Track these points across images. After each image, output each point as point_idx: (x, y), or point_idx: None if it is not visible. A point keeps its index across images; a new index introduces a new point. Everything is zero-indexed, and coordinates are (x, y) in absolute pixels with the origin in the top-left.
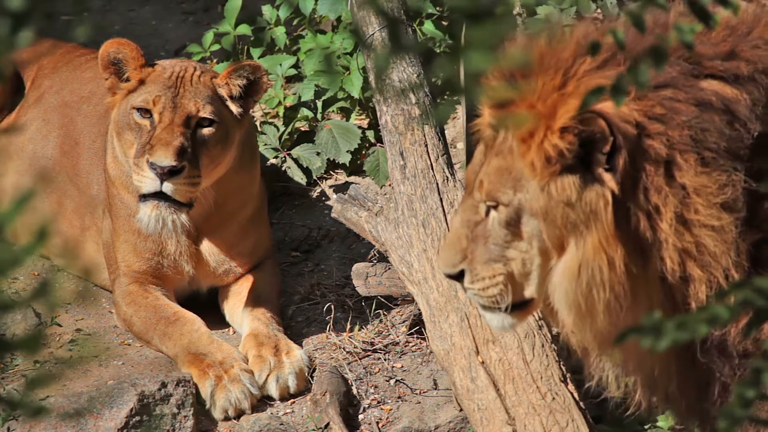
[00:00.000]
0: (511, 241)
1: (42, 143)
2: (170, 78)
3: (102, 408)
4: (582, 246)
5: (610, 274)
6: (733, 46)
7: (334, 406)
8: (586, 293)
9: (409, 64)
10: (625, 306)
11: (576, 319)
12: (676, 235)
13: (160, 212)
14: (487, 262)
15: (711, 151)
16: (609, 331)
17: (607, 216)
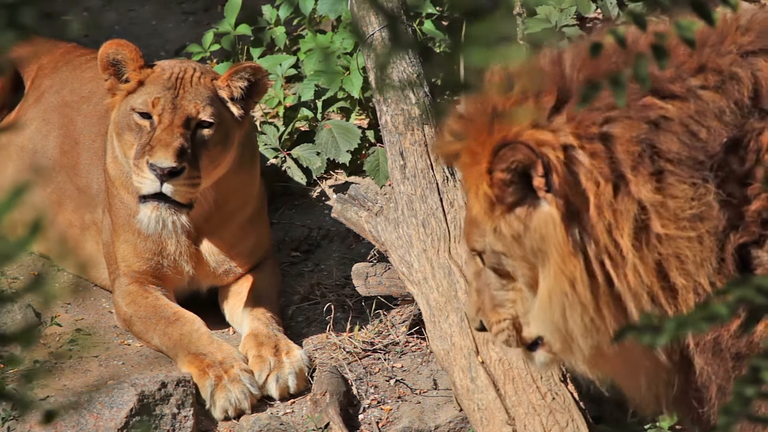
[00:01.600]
0: (507, 283)
1: (42, 143)
2: (170, 79)
3: (102, 408)
4: (547, 273)
5: (574, 294)
6: (703, 60)
7: (334, 406)
8: (560, 318)
9: (409, 64)
10: (602, 325)
11: (561, 345)
12: (645, 248)
13: (160, 213)
14: (493, 308)
15: (671, 164)
16: (596, 351)
17: (557, 237)
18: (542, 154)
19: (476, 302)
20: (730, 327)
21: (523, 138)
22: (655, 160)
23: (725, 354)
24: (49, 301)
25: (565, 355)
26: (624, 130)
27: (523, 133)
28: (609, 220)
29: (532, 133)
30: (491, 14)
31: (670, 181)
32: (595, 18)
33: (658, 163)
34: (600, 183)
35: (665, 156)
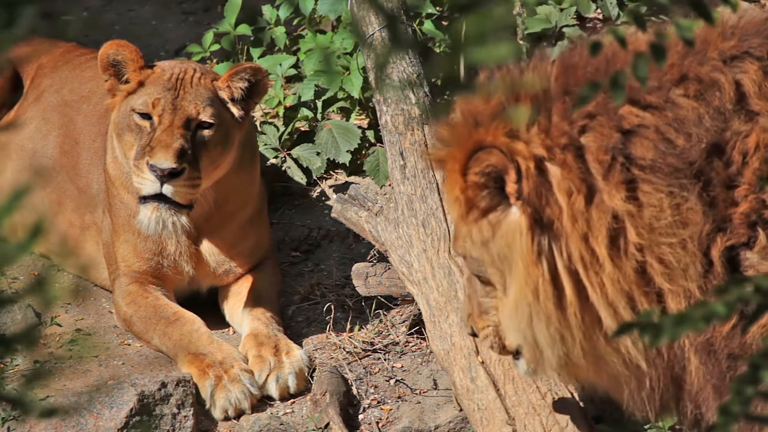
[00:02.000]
0: (490, 291)
1: (42, 142)
2: (170, 80)
3: (102, 408)
4: (512, 281)
5: (537, 305)
6: (684, 70)
7: (334, 406)
8: (526, 328)
9: (409, 64)
10: (569, 336)
11: (530, 355)
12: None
13: (161, 214)
14: (480, 315)
15: (646, 172)
16: (566, 361)
17: (522, 245)
18: (516, 161)
19: (467, 307)
20: (723, 329)
21: (497, 143)
22: (629, 169)
23: (719, 354)
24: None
25: (538, 364)
26: (595, 140)
27: (498, 141)
28: (584, 229)
29: (506, 141)
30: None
31: (644, 189)
32: (595, 18)
33: (631, 172)
34: (572, 193)
35: (639, 164)
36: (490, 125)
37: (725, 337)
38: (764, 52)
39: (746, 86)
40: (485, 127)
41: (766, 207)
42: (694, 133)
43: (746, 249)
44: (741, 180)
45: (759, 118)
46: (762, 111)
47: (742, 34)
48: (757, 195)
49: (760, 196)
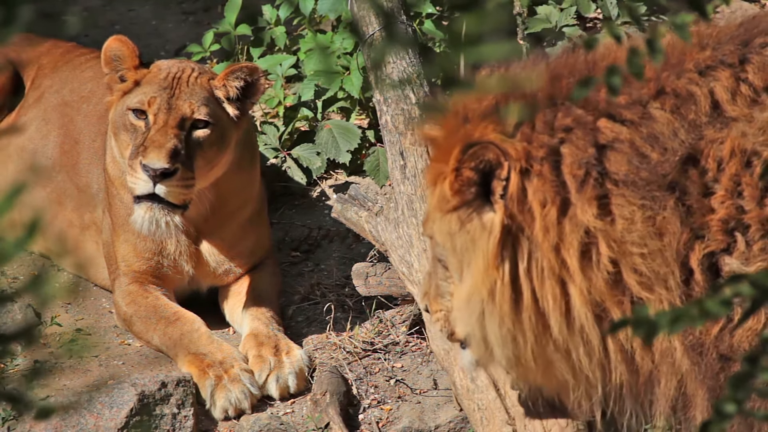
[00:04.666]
0: (449, 276)
1: (42, 142)
2: (166, 79)
3: (102, 408)
4: (469, 275)
5: (492, 304)
6: (661, 84)
7: (334, 406)
8: (477, 323)
9: (409, 63)
10: (521, 339)
11: (479, 350)
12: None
13: (154, 214)
14: (436, 297)
15: (619, 186)
16: (516, 362)
17: (489, 244)
18: (509, 157)
19: (426, 285)
20: (712, 330)
21: (493, 140)
22: (602, 184)
23: (711, 355)
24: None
25: (486, 360)
26: (570, 154)
27: (491, 137)
28: (555, 240)
29: (499, 138)
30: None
31: (617, 203)
32: (595, 18)
33: (605, 186)
34: (546, 204)
35: (613, 178)
36: (480, 123)
37: (714, 339)
38: (735, 58)
39: (719, 94)
40: (474, 123)
41: (743, 212)
42: (669, 146)
43: (726, 255)
44: (718, 187)
45: (733, 124)
46: (738, 116)
47: (717, 43)
48: (734, 201)
49: (737, 202)
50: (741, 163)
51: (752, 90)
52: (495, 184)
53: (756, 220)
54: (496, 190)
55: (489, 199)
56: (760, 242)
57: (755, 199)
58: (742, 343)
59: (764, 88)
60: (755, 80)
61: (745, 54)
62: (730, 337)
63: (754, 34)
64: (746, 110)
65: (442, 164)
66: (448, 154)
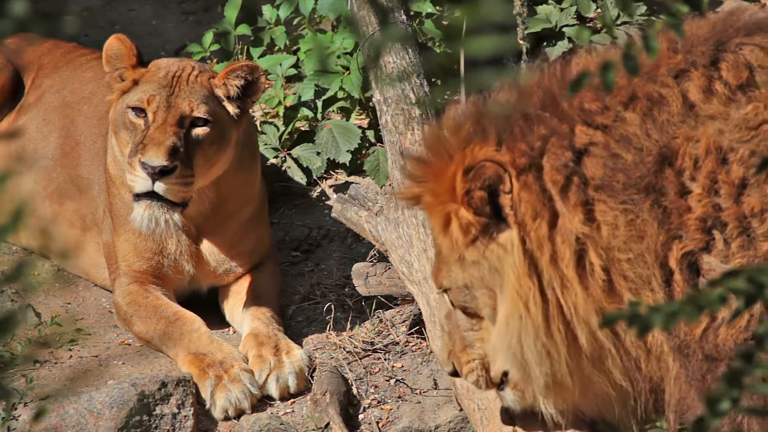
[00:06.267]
0: (476, 323)
1: (43, 143)
2: (165, 77)
3: (102, 408)
4: (504, 297)
5: (527, 317)
6: (633, 90)
7: (334, 406)
8: (516, 344)
9: (408, 63)
10: (554, 351)
11: (520, 375)
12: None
13: (153, 212)
14: (463, 349)
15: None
16: (552, 380)
17: (515, 257)
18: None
19: (447, 345)
20: (695, 331)
21: (487, 157)
22: (584, 190)
23: (697, 356)
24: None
25: (526, 385)
26: (549, 160)
27: (483, 156)
28: (550, 253)
29: (492, 154)
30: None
31: (600, 208)
32: (595, 18)
33: (586, 192)
34: (536, 217)
35: (592, 183)
36: (465, 150)
37: (699, 340)
38: (707, 59)
39: (693, 94)
40: (460, 155)
41: (721, 210)
42: (644, 146)
43: (705, 253)
44: (695, 185)
45: (709, 123)
46: (714, 114)
47: (690, 46)
48: (711, 199)
49: (714, 200)
50: (717, 160)
51: (728, 89)
52: (502, 199)
53: (733, 217)
54: (505, 205)
55: (501, 218)
56: (738, 239)
57: (732, 197)
58: (727, 343)
59: (738, 87)
60: (729, 78)
61: (719, 54)
62: (715, 336)
63: (729, 35)
64: (722, 108)
65: (447, 204)
66: (449, 190)
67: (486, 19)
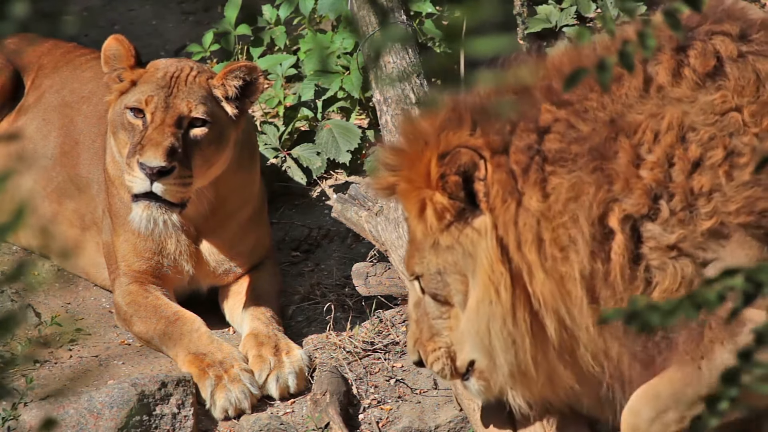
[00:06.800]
0: (445, 311)
1: (42, 142)
2: (164, 78)
3: (102, 408)
4: (476, 282)
5: (498, 302)
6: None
7: (334, 406)
8: (485, 331)
9: (408, 63)
10: (520, 340)
11: (486, 362)
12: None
13: (151, 212)
14: (430, 338)
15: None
16: (517, 370)
17: (488, 243)
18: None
19: (414, 333)
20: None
21: (464, 143)
22: (541, 166)
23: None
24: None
25: (491, 374)
26: (515, 142)
27: (458, 142)
28: (515, 235)
29: (466, 140)
30: None
31: (552, 181)
32: (595, 18)
33: (544, 169)
34: (506, 200)
35: (548, 158)
36: (439, 137)
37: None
38: (674, 43)
39: (661, 76)
40: (434, 141)
41: (671, 180)
42: (598, 117)
43: (648, 221)
44: (650, 156)
45: (676, 103)
46: (681, 97)
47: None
48: (663, 169)
49: (666, 170)
50: (677, 136)
51: (696, 75)
52: (477, 185)
53: (681, 190)
54: (479, 191)
55: (475, 204)
56: (682, 213)
57: (685, 172)
58: None
59: (707, 74)
60: (697, 66)
61: (688, 41)
62: None
63: (698, 21)
64: (689, 92)
65: (422, 190)
66: (424, 176)
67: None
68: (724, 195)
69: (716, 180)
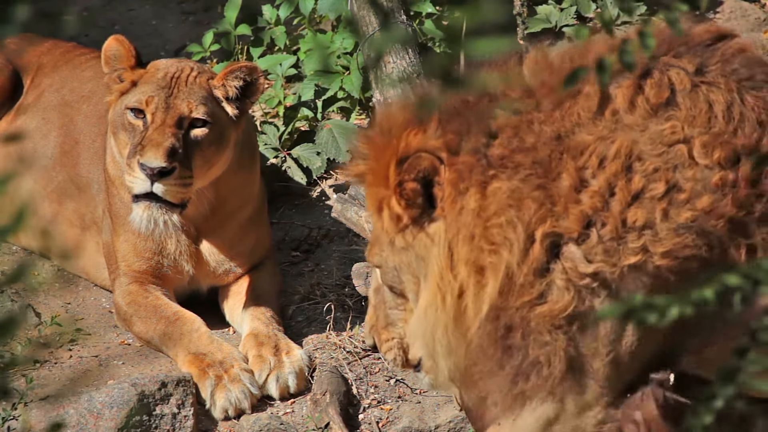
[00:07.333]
0: (401, 303)
1: (42, 142)
2: (164, 78)
3: (102, 408)
4: (426, 286)
5: (443, 309)
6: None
7: (334, 406)
8: (429, 334)
9: (409, 63)
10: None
11: (429, 363)
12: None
13: (152, 213)
14: (385, 327)
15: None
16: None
17: (440, 249)
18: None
19: (371, 319)
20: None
21: (424, 146)
22: (485, 170)
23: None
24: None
25: (435, 375)
26: (466, 145)
27: (419, 145)
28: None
29: (426, 144)
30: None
31: (493, 186)
32: (594, 17)
33: (487, 173)
34: (453, 203)
35: (493, 164)
36: (402, 133)
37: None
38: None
39: (619, 101)
40: (398, 136)
41: (607, 210)
42: (544, 131)
43: (573, 243)
44: (594, 182)
45: (628, 129)
46: (632, 124)
47: None
48: (603, 198)
49: (606, 199)
50: (623, 165)
51: (649, 105)
52: (436, 191)
53: (614, 220)
54: (438, 196)
55: (434, 207)
56: (609, 244)
57: (622, 203)
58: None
59: (660, 104)
60: (651, 96)
61: (648, 69)
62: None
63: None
64: (641, 120)
65: (381, 188)
66: (384, 176)
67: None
68: (655, 234)
69: (651, 215)
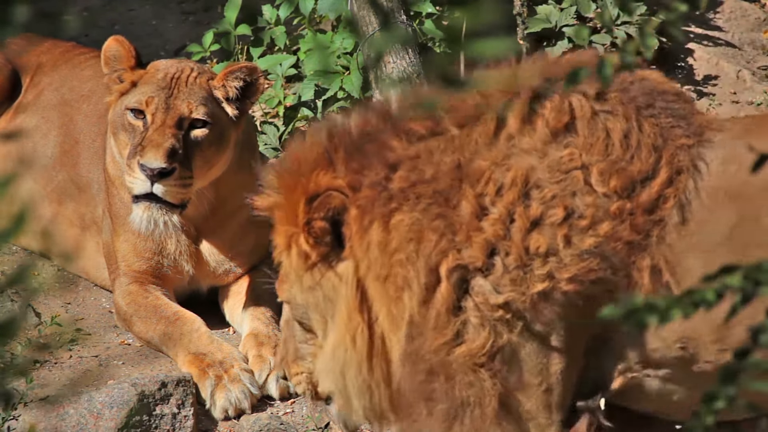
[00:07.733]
0: (310, 338)
1: (42, 142)
2: (164, 79)
3: (102, 408)
4: (333, 327)
5: (353, 351)
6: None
7: None
8: (339, 375)
9: (409, 64)
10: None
11: (342, 402)
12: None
13: (152, 213)
14: (295, 360)
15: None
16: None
17: (348, 291)
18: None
19: (281, 351)
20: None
21: (333, 185)
22: (388, 203)
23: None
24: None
25: (348, 413)
26: (368, 179)
27: (330, 184)
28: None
29: (333, 182)
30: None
31: (395, 220)
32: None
33: (389, 205)
34: (360, 240)
35: (395, 197)
36: (312, 172)
37: (432, 351)
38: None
39: (512, 125)
40: (307, 175)
41: (509, 238)
42: (443, 161)
43: (480, 275)
44: (494, 210)
45: (523, 155)
46: (530, 150)
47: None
48: (504, 225)
49: (507, 226)
50: (520, 193)
51: (548, 128)
52: (345, 230)
53: (516, 249)
54: (346, 235)
55: (343, 247)
56: (515, 272)
57: (522, 230)
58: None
59: (559, 129)
60: (550, 119)
61: (546, 91)
62: (447, 354)
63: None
64: (540, 145)
65: (291, 226)
66: (294, 213)
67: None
68: (560, 261)
69: (554, 242)
